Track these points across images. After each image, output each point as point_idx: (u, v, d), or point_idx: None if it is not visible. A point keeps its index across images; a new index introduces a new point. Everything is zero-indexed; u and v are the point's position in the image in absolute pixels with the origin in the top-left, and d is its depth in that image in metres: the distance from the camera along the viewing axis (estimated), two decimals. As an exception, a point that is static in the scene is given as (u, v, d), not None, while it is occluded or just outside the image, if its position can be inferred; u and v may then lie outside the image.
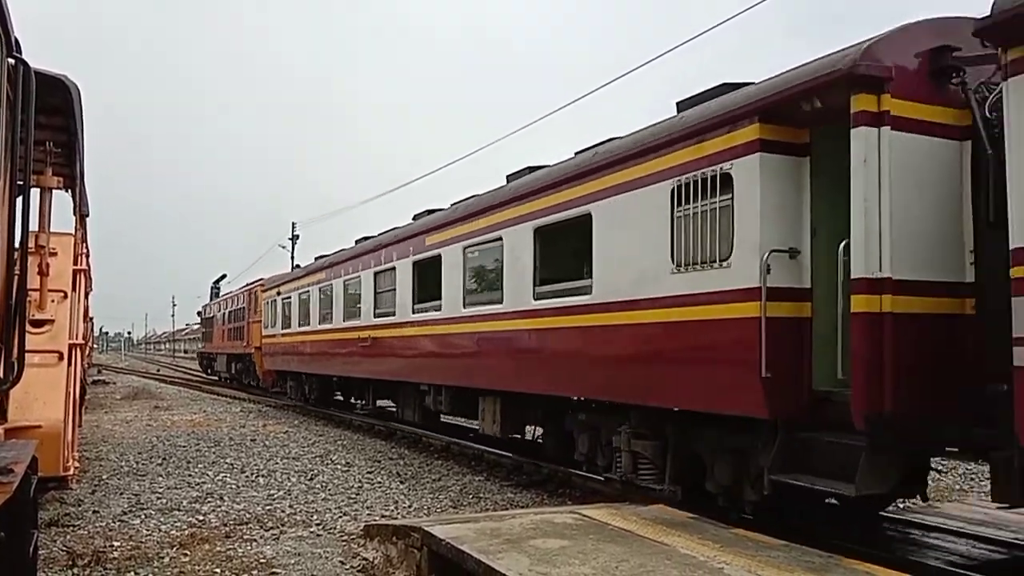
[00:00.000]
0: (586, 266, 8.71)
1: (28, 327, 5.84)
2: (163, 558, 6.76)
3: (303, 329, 20.58)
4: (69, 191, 9.67)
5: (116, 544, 7.19)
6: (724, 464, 7.16)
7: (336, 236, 28.86)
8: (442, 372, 12.69)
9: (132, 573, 6.36)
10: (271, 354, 24.49)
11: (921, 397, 5.73)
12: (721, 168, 6.82)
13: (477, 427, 12.05)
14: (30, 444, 4.18)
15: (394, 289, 14.21)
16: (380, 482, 10.66)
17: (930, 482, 6.14)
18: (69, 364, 8.00)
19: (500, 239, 10.48)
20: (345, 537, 7.57)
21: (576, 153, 9.46)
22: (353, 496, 9.65)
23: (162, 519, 8.26)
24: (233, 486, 10.18)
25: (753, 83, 7.07)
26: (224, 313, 34.61)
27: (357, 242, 17.39)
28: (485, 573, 5.06)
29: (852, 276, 5.90)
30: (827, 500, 7.43)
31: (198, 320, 50.97)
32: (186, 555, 6.84)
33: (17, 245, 5.03)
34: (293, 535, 7.64)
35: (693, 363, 7.24)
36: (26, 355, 5.15)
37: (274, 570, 6.44)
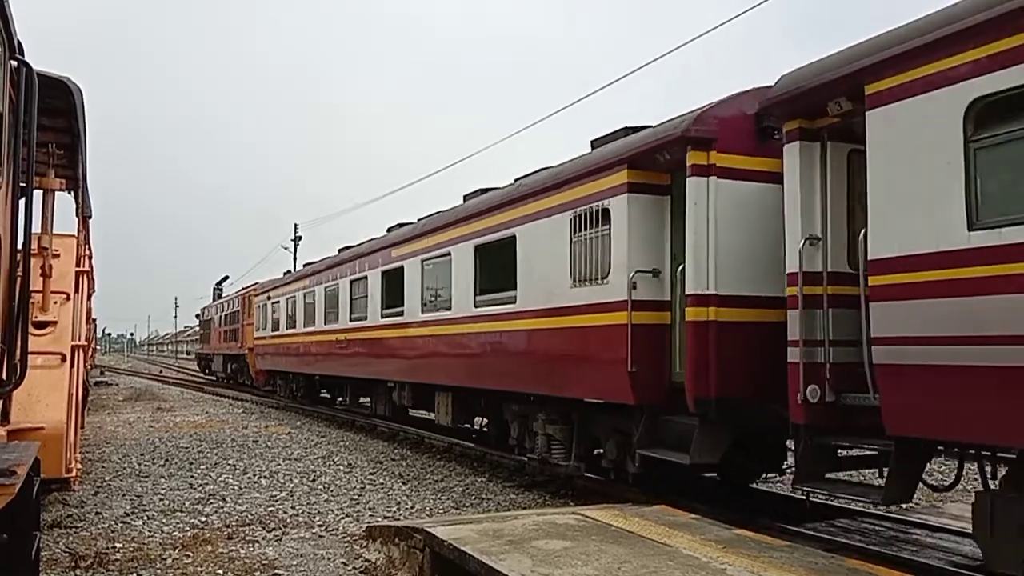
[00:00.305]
0: (513, 279, 10.19)
1: (31, 329, 5.85)
2: (165, 559, 6.76)
3: (289, 331, 22.16)
4: (72, 193, 9.68)
5: (118, 545, 7.19)
6: (612, 443, 8.75)
7: (338, 237, 29.21)
8: (405, 371, 14.22)
9: (134, 574, 6.36)
10: (262, 355, 25.94)
11: (741, 386, 7.25)
12: (602, 204, 8.48)
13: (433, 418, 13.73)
14: (32, 446, 4.18)
15: (366, 296, 15.83)
16: (382, 483, 10.66)
17: (928, 481, 6.17)
18: (72, 366, 8.01)
19: (449, 254, 12.06)
20: (347, 538, 7.58)
21: (516, 179, 11.04)
22: (355, 497, 9.65)
23: (164, 520, 8.26)
24: (235, 487, 10.19)
25: (650, 126, 8.46)
26: (221, 316, 36.23)
27: (340, 251, 18.80)
28: (487, 574, 5.06)
29: (686, 292, 7.54)
30: (705, 474, 9.09)
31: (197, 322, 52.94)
32: (188, 556, 6.84)
33: (20, 247, 5.04)
34: (295, 536, 7.65)
35: (586, 361, 8.77)
36: (29, 357, 5.16)
37: (276, 571, 6.44)
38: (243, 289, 31.78)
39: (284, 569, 6.51)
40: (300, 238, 48.35)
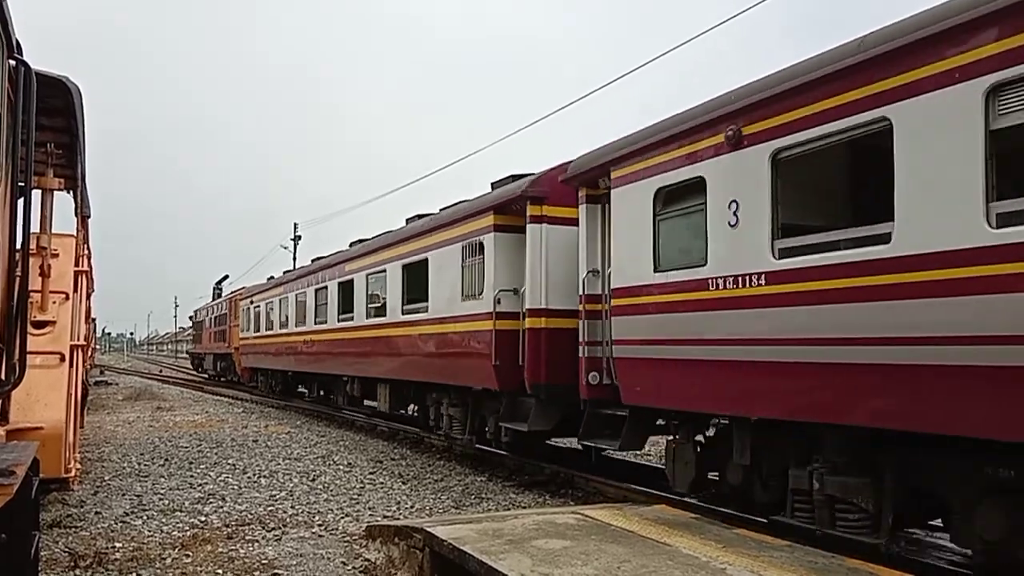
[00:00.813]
0: (426, 292, 12.94)
1: (30, 328, 5.84)
2: (165, 559, 6.75)
3: (268, 333, 24.82)
4: (70, 192, 9.68)
5: (118, 545, 7.18)
6: (492, 420, 11.33)
7: (338, 236, 29.65)
8: (355, 367, 16.99)
9: (134, 574, 6.35)
10: (246, 353, 28.66)
11: (561, 375, 9.69)
12: (479, 239, 11.19)
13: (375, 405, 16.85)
14: (31, 446, 4.18)
15: (327, 303, 18.62)
16: (382, 483, 10.65)
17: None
18: (71, 365, 8.00)
19: (385, 270, 14.84)
20: (347, 538, 7.57)
21: (441, 208, 13.71)
22: (355, 497, 9.65)
23: (164, 520, 8.25)
24: (235, 487, 10.18)
25: (532, 174, 10.60)
26: (211, 318, 39.26)
27: (313, 260, 21.32)
28: (487, 574, 5.05)
29: (526, 306, 10.23)
30: (571, 445, 12.15)
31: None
32: (188, 556, 6.84)
33: (19, 246, 5.03)
34: (295, 536, 7.64)
35: (471, 357, 11.21)
36: (28, 356, 5.15)
37: (276, 571, 6.43)
38: (231, 293, 34.72)
39: (284, 569, 6.50)
40: (300, 237, 48.37)
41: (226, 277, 46.77)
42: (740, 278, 6.74)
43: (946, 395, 5.17)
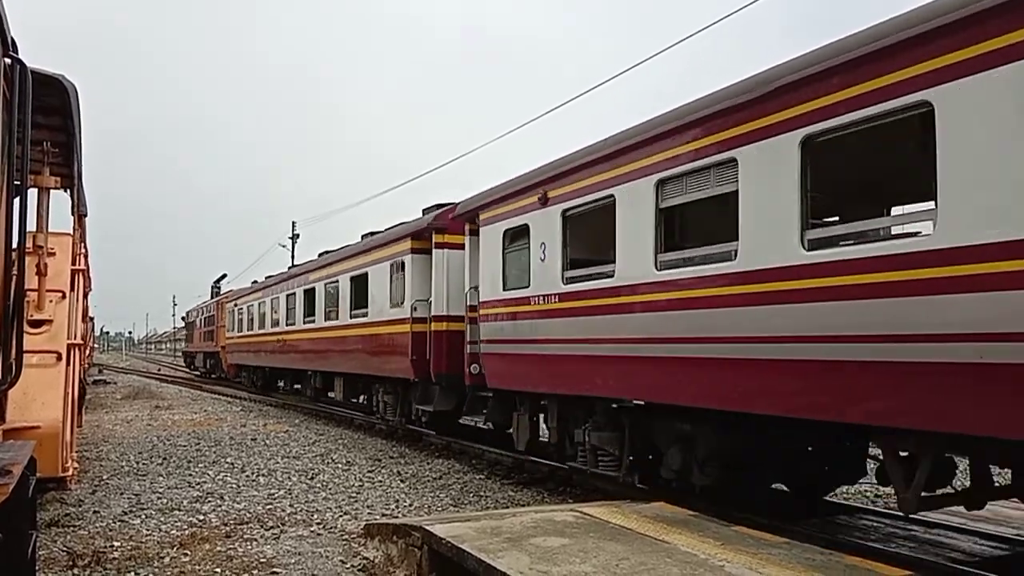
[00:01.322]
0: (367, 300, 15.97)
1: (26, 327, 5.83)
2: (163, 558, 6.75)
3: (249, 333, 27.71)
4: (67, 191, 9.65)
5: (116, 544, 7.18)
6: (416, 405, 14.05)
7: (336, 235, 30.03)
8: (317, 363, 20.22)
9: (132, 573, 6.34)
10: (231, 351, 31.70)
11: (454, 366, 12.31)
12: (402, 258, 14.16)
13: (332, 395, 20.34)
14: (28, 445, 4.16)
15: (295, 307, 21.60)
16: (381, 481, 10.65)
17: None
18: (68, 364, 7.98)
19: (338, 281, 17.97)
20: (346, 536, 7.57)
21: (367, 233, 17.37)
22: (354, 495, 9.64)
23: (162, 519, 8.25)
24: (234, 485, 10.18)
25: (454, 202, 12.78)
26: (201, 319, 42.69)
27: (289, 268, 25.07)
28: (485, 572, 5.05)
29: (432, 313, 13.02)
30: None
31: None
32: (186, 555, 6.83)
33: (15, 245, 5.01)
34: (294, 534, 7.64)
35: (396, 353, 14.10)
36: (24, 355, 5.14)
37: (274, 569, 6.43)
38: (219, 296, 38.12)
39: (282, 567, 6.50)
40: (298, 236, 48.34)
41: (224, 276, 46.77)
42: (547, 296, 9.59)
43: (640, 374, 8.02)
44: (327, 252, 20.12)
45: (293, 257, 46.32)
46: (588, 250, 9.26)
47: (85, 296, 13.39)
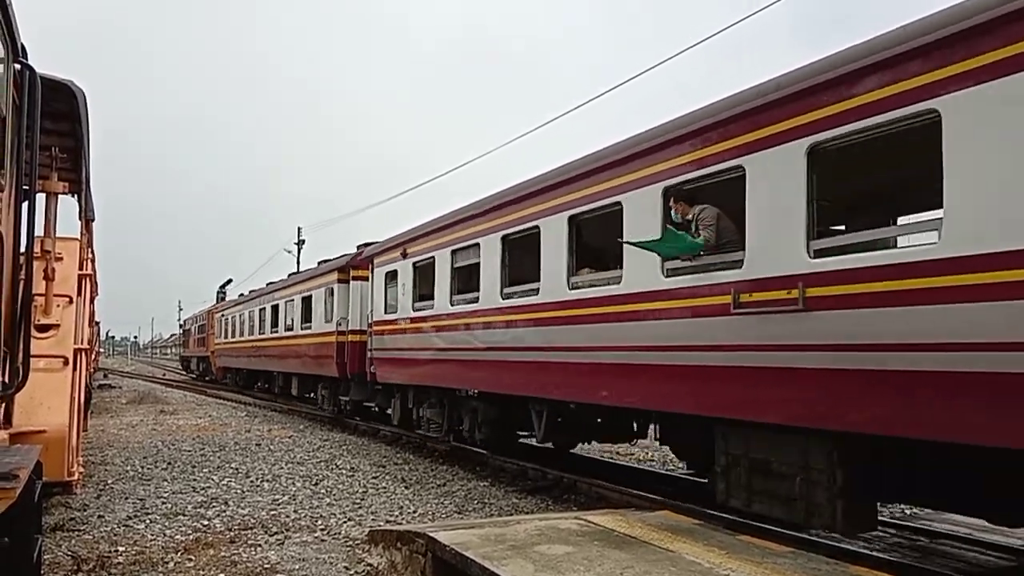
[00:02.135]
0: (311, 316, 20.95)
1: (33, 332, 5.85)
2: (168, 563, 6.75)
3: (232, 340, 32.89)
4: (74, 196, 9.69)
5: (121, 549, 7.18)
6: (339, 396, 19.22)
7: (341, 240, 30.49)
8: (278, 365, 25.22)
9: (136, 578, 6.35)
10: (219, 355, 36.97)
11: (361, 368, 16.67)
12: (332, 286, 18.68)
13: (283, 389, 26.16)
14: (34, 449, 4.18)
15: (265, 319, 26.51)
16: (385, 487, 10.64)
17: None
18: (74, 369, 8.00)
19: (293, 299, 22.90)
20: (350, 542, 7.56)
21: (320, 261, 22.21)
22: (358, 501, 9.63)
23: (167, 524, 8.25)
24: (238, 491, 10.18)
25: (377, 241, 16.65)
26: (195, 327, 47.98)
27: (267, 284, 28.59)
28: (489, 579, 5.04)
29: (348, 328, 17.62)
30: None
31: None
32: (191, 560, 6.83)
33: (23, 250, 5.03)
34: (298, 540, 7.63)
35: (329, 358, 18.51)
36: (31, 360, 5.15)
37: (278, 575, 6.43)
38: (210, 308, 42.57)
39: (286, 573, 6.49)
40: (303, 241, 48.37)
41: (230, 281, 46.83)
42: (404, 319, 14.21)
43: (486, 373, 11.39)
44: (294, 273, 25.88)
45: (298, 263, 46.39)
46: (429, 288, 13.30)
47: (92, 301, 13.43)
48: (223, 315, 35.25)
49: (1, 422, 5.20)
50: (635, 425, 9.88)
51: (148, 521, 8.36)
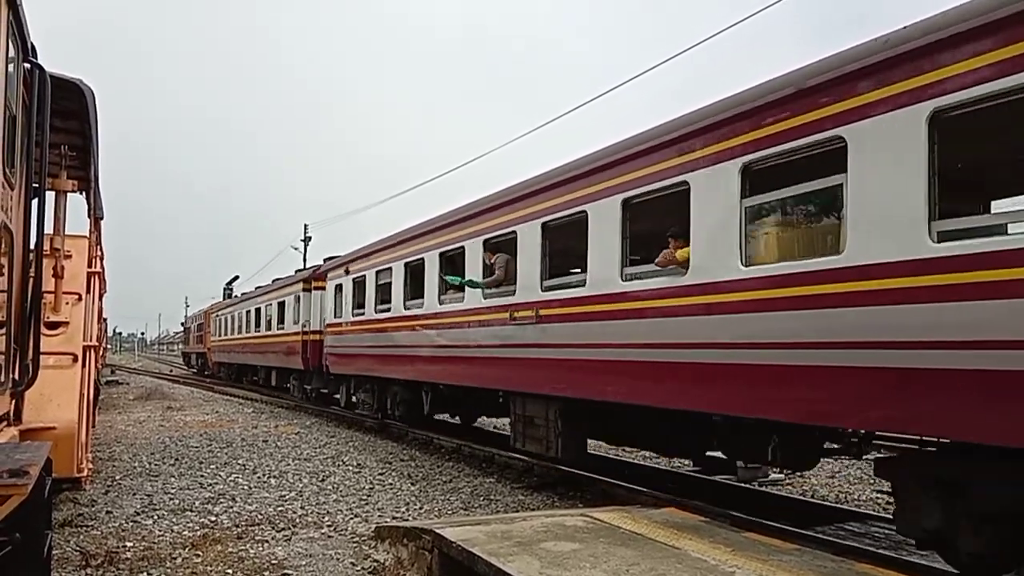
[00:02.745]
0: (283, 319, 24.73)
1: (43, 329, 5.89)
2: (175, 559, 6.79)
3: (225, 337, 36.88)
4: (83, 194, 9.74)
5: (129, 544, 7.23)
6: (304, 384, 24.04)
7: (348, 237, 30.53)
8: (260, 360, 29.13)
9: (144, 573, 6.39)
10: (214, 352, 41.24)
11: (319, 362, 20.88)
12: (298, 294, 22.93)
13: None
14: (45, 446, 4.21)
15: (250, 320, 30.62)
16: (391, 484, 10.68)
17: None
18: (83, 366, 8.05)
19: (272, 303, 26.60)
20: (356, 539, 7.59)
21: (275, 278, 28.15)
22: (364, 497, 9.67)
23: (174, 520, 8.30)
24: (245, 487, 10.23)
25: (338, 255, 19.66)
26: (194, 325, 53.36)
27: (256, 288, 33.12)
28: (496, 576, 5.06)
29: (310, 329, 22.02)
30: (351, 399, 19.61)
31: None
32: (198, 556, 6.88)
33: (32, 247, 5.07)
34: (305, 536, 7.67)
35: (296, 353, 22.70)
36: (41, 357, 5.19)
37: (286, 571, 6.46)
38: (207, 308, 47.05)
39: (293, 569, 6.53)
40: (310, 238, 48.51)
41: (236, 278, 46.96)
42: (346, 323, 17.96)
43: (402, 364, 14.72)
44: (278, 279, 28.85)
45: (305, 260, 46.51)
46: (363, 298, 17.02)
47: (100, 298, 13.49)
48: (217, 315, 39.59)
49: (11, 418, 5.24)
50: (499, 400, 12.69)
51: (156, 517, 8.41)
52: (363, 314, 16.77)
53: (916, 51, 5.41)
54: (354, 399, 18.89)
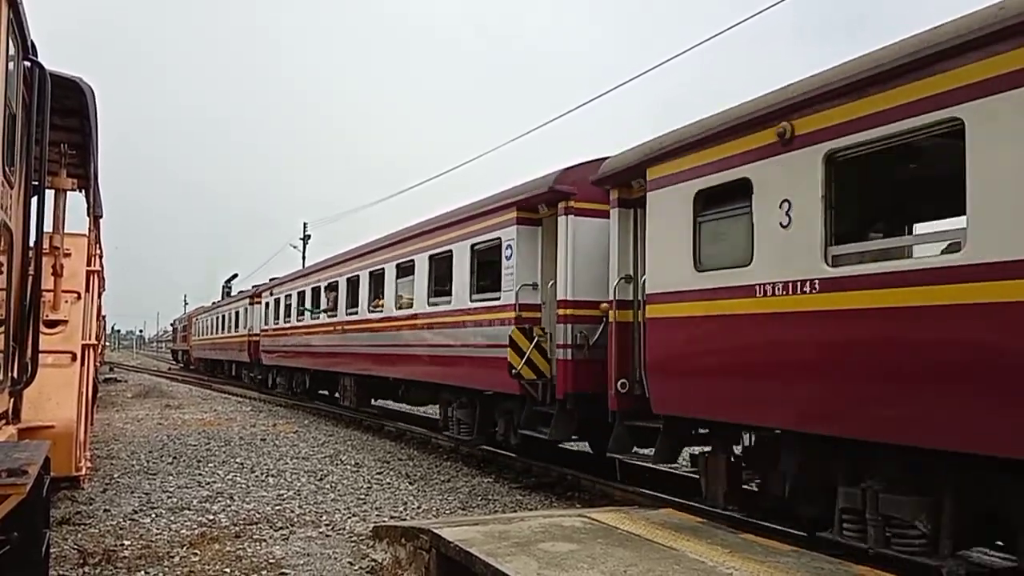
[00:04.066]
0: (237, 323, 32.52)
1: (42, 327, 5.89)
2: (173, 557, 6.80)
3: (202, 337, 44.80)
4: (83, 192, 9.73)
5: (127, 543, 7.23)
6: (250, 374, 31.61)
7: (346, 235, 30.92)
8: (224, 355, 36.81)
9: (142, 572, 6.39)
10: (194, 349, 49.58)
11: (259, 355, 28.70)
12: (245, 304, 31.44)
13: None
14: (43, 444, 4.21)
15: (218, 323, 37.32)
16: (389, 483, 10.68)
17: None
18: (82, 364, 8.05)
19: (231, 310, 34.26)
20: (354, 538, 7.60)
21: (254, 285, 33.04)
22: (362, 497, 9.68)
23: (172, 518, 8.30)
24: (243, 485, 10.23)
25: (279, 275, 27.13)
26: (181, 326, 64.18)
27: (225, 296, 40.80)
28: (493, 576, 5.06)
29: (255, 330, 29.42)
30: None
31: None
32: (196, 554, 6.88)
33: (32, 245, 5.06)
34: (302, 535, 7.67)
35: (245, 349, 30.86)
36: (40, 355, 5.19)
37: (283, 570, 6.46)
38: (190, 312, 58.40)
39: (291, 568, 6.53)
40: (309, 237, 48.51)
41: (235, 276, 46.99)
42: (270, 329, 26.22)
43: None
44: (243, 291, 35.72)
45: (304, 258, 46.54)
46: (279, 313, 25.06)
47: (99, 296, 13.48)
48: (196, 319, 49.52)
49: (10, 417, 5.24)
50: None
51: (154, 515, 8.41)
52: (277, 323, 24.89)
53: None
54: (274, 382, 27.29)
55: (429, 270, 13.20)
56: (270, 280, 28.53)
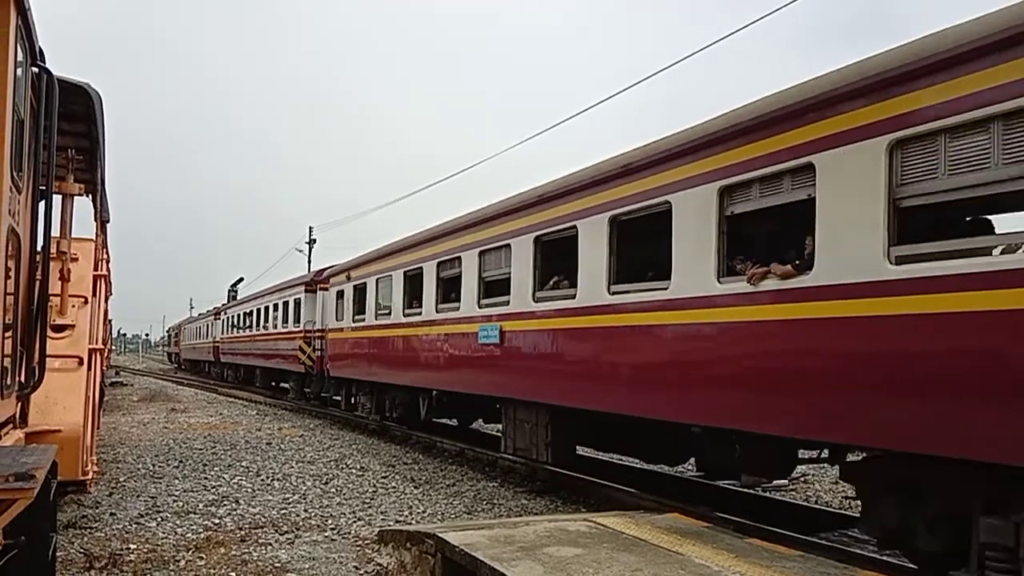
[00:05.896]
0: (208, 332, 45.77)
1: (49, 332, 5.91)
2: (179, 561, 6.81)
3: (195, 340, 51.17)
4: (90, 197, 9.77)
5: (133, 547, 7.25)
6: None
7: (353, 240, 31.23)
8: (198, 355, 50.33)
9: (148, 576, 6.41)
10: (184, 351, 57.73)
11: (219, 357, 44.15)
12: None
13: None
14: (50, 449, 4.22)
15: (195, 332, 52.35)
16: (394, 487, 10.69)
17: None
18: (89, 369, 8.08)
19: (200, 325, 50.72)
20: (359, 542, 7.60)
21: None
22: (368, 501, 9.68)
23: (178, 522, 8.32)
24: (249, 490, 10.24)
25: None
26: (174, 332, 72.68)
27: (207, 309, 48.58)
28: (499, 581, 5.06)
29: (217, 339, 43.22)
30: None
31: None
32: (202, 558, 6.89)
33: (39, 250, 5.08)
34: (308, 539, 7.68)
35: (211, 352, 43.79)
36: (47, 360, 5.21)
37: (288, 574, 6.47)
38: (181, 321, 69.48)
39: (296, 572, 6.54)
40: (315, 241, 48.56)
41: (241, 280, 47.11)
42: (226, 336, 39.05)
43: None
44: (211, 309, 45.33)
45: (309, 262, 46.64)
46: (230, 326, 36.98)
47: (106, 300, 13.53)
48: (184, 327, 59.48)
49: (17, 421, 5.27)
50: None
51: (160, 519, 8.42)
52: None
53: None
54: (227, 375, 37.21)
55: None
56: (219, 306, 41.01)
